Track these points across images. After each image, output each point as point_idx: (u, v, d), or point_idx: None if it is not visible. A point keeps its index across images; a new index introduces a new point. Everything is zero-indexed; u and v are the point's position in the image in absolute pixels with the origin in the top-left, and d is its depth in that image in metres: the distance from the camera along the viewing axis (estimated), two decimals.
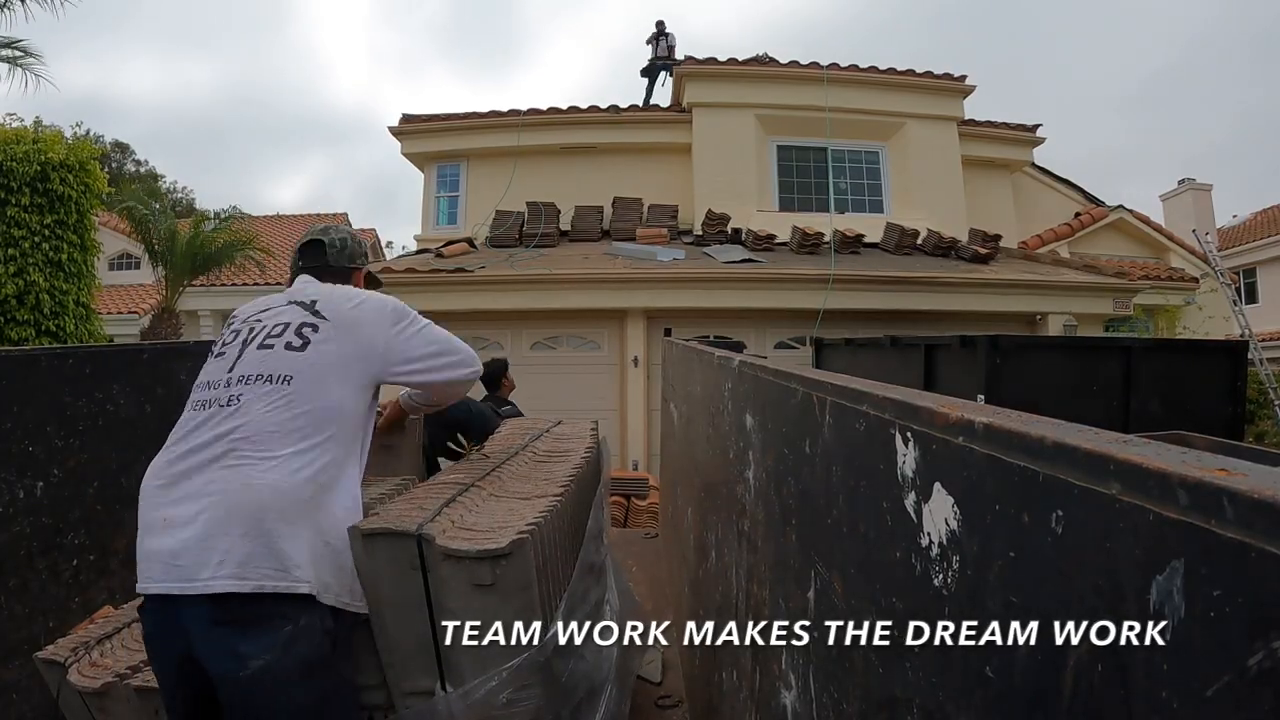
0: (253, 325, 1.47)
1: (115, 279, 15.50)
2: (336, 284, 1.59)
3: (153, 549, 1.24)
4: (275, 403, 1.32)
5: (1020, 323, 8.74)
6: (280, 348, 1.40)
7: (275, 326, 1.44)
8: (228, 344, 1.46)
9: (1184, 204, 15.02)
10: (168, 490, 1.28)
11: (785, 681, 1.01)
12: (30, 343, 6.61)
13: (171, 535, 1.22)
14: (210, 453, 1.28)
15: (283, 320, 1.45)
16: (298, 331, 1.42)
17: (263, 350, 1.40)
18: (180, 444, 1.34)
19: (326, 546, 1.27)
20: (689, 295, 8.11)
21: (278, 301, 1.54)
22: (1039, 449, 0.46)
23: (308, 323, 1.44)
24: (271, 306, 1.52)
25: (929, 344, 4.63)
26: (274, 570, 1.19)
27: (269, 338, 1.42)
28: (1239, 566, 0.32)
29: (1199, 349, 4.78)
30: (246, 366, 1.38)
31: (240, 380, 1.36)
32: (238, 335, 1.46)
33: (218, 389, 1.38)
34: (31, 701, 1.75)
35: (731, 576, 1.49)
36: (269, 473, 1.25)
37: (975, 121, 10.87)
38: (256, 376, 1.36)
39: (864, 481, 0.74)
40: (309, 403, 1.34)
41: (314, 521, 1.26)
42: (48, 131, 7.46)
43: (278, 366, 1.37)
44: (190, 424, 1.36)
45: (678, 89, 10.89)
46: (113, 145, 27.30)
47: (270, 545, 1.20)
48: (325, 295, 1.51)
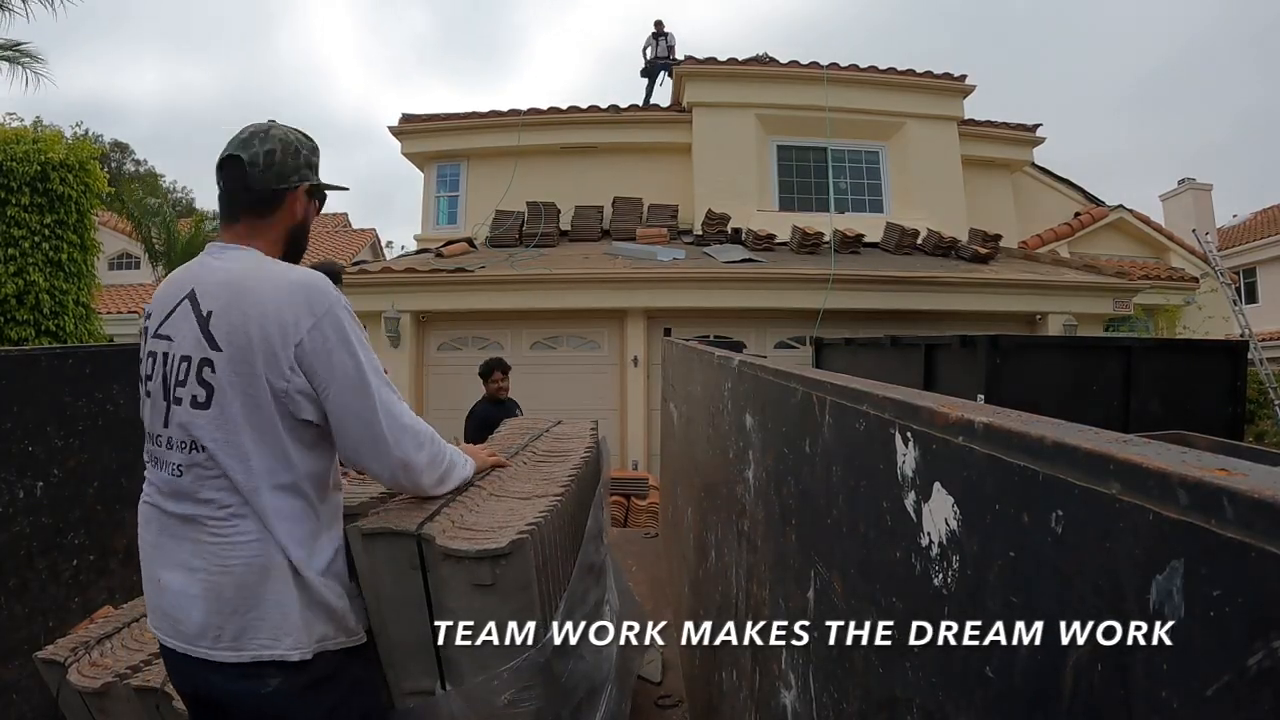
0: (165, 349, 1.21)
1: (115, 279, 15.50)
2: (274, 233, 1.27)
3: (155, 604, 1.24)
4: (205, 478, 1.18)
5: (1020, 323, 8.74)
6: (187, 403, 1.17)
7: (179, 365, 1.19)
8: (150, 376, 1.23)
9: (1184, 204, 15.02)
10: (156, 549, 1.23)
11: (785, 681, 1.01)
12: (30, 343, 6.61)
13: (168, 600, 1.20)
14: (179, 519, 1.20)
15: (186, 352, 1.19)
16: (199, 375, 1.17)
17: (175, 406, 1.19)
18: (152, 494, 1.24)
19: (315, 605, 1.22)
20: (689, 295, 8.12)
21: (176, 294, 1.23)
22: (1039, 449, 0.46)
23: (205, 359, 1.17)
24: (171, 310, 1.23)
25: (929, 344, 4.63)
26: (268, 640, 1.18)
27: (177, 384, 1.19)
28: (1239, 566, 0.32)
29: (1199, 349, 4.78)
30: (171, 424, 1.19)
31: (168, 443, 1.20)
32: (154, 363, 1.22)
33: (158, 445, 1.22)
34: (31, 701, 1.76)
35: (731, 576, 1.49)
36: (235, 552, 1.17)
37: (975, 121, 10.88)
38: (180, 443, 1.19)
39: (864, 481, 0.74)
40: (238, 474, 1.17)
41: (298, 586, 1.20)
42: (48, 131, 7.46)
43: (192, 431, 1.17)
44: (153, 475, 1.24)
45: (678, 89, 10.89)
46: (112, 145, 27.33)
47: (261, 617, 1.18)
48: (223, 304, 1.18)
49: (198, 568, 1.18)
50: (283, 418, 1.18)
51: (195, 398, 1.17)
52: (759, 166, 10.40)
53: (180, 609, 1.19)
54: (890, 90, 10.48)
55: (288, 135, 1.29)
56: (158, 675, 1.56)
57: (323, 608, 1.23)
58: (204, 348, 1.17)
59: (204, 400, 1.17)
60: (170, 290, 1.25)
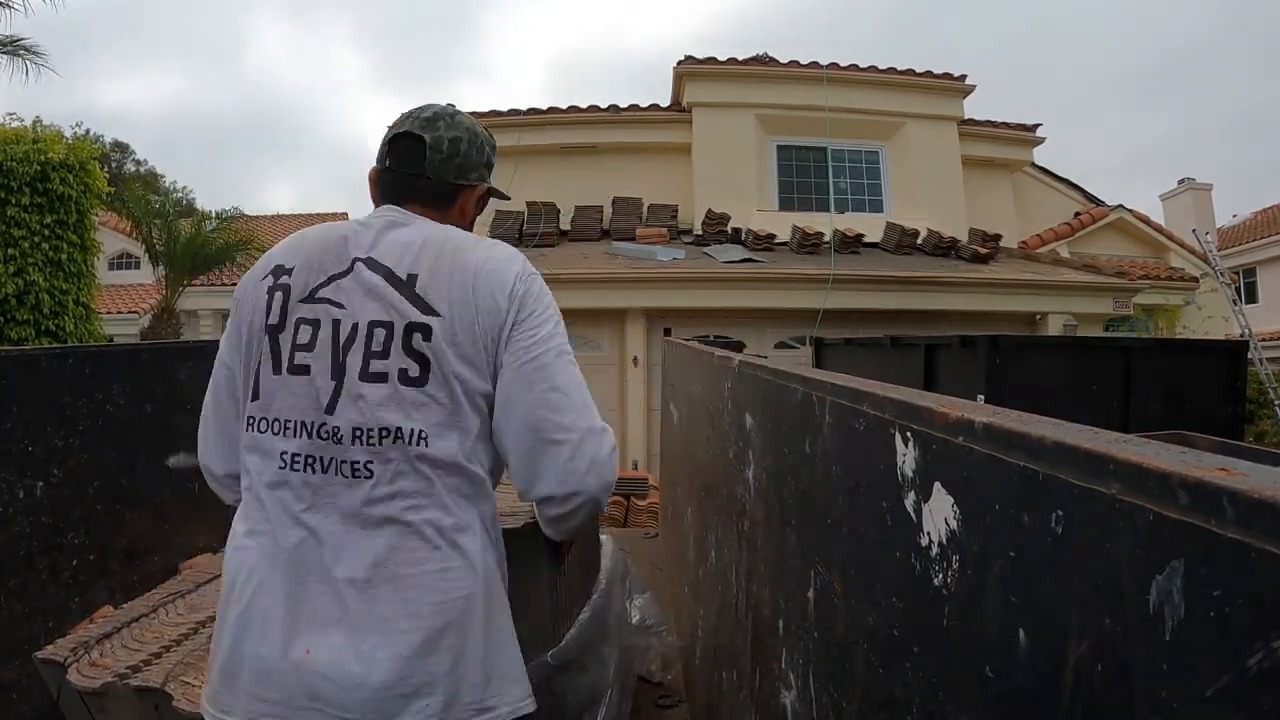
0: (334, 315, 0.96)
1: (115, 279, 15.50)
2: (440, 223, 1.06)
3: (274, 683, 0.90)
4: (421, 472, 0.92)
5: (1020, 323, 8.74)
6: (394, 378, 0.93)
7: (374, 331, 0.94)
8: (305, 345, 0.96)
9: (1184, 204, 15.02)
10: (295, 602, 0.91)
11: (785, 681, 1.01)
12: (30, 343, 6.61)
13: (313, 678, 0.89)
14: (357, 551, 0.92)
15: (378, 317, 0.95)
16: (406, 345, 0.93)
17: (372, 384, 0.93)
18: (284, 517, 0.94)
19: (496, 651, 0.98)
20: (689, 295, 8.12)
21: (343, 252, 1.00)
22: (1039, 449, 0.46)
23: (415, 324, 0.94)
24: (339, 270, 0.98)
25: (929, 344, 4.63)
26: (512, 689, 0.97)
27: (372, 355, 0.94)
28: (1239, 566, 0.32)
29: (1199, 349, 4.78)
30: (357, 413, 0.92)
31: (357, 436, 0.92)
32: (315, 332, 0.96)
33: (314, 438, 0.93)
34: (31, 701, 1.75)
35: (731, 576, 1.49)
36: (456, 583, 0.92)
37: (975, 121, 10.88)
38: (381, 433, 0.92)
39: (864, 481, 0.74)
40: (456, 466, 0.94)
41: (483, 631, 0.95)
42: (47, 131, 7.46)
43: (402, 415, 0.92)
44: (287, 497, 0.94)
45: (677, 89, 10.89)
46: (112, 145, 27.34)
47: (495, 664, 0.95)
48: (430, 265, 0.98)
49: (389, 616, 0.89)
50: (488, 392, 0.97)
51: (405, 371, 0.93)
52: (759, 166, 10.40)
53: (342, 682, 0.88)
54: (890, 90, 10.48)
55: (474, 126, 1.12)
56: (158, 675, 1.56)
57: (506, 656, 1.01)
58: (412, 311, 0.95)
59: (418, 375, 0.93)
60: (323, 249, 1.01)
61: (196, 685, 1.55)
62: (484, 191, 1.15)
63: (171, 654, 1.68)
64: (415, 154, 1.07)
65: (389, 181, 1.09)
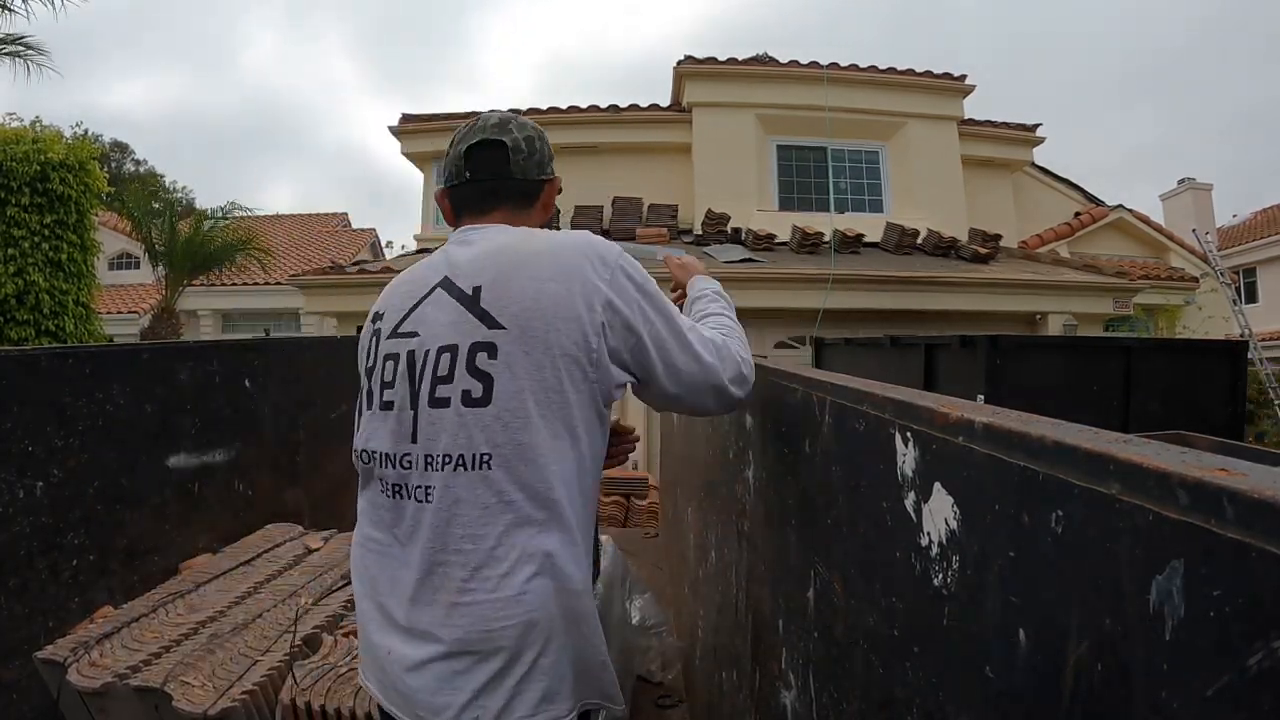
0: (409, 346, 0.98)
1: (115, 279, 15.50)
2: (519, 225, 1.07)
3: (399, 685, 0.96)
4: (483, 499, 0.92)
5: (1020, 323, 8.73)
6: (457, 401, 0.93)
7: (441, 356, 0.95)
8: (389, 382, 0.99)
9: (1184, 204, 15.03)
10: (404, 611, 0.96)
11: (785, 681, 1.01)
12: (30, 343, 6.61)
13: (413, 676, 0.94)
14: (425, 569, 0.94)
15: (446, 341, 0.95)
16: (470, 365, 0.93)
17: (437, 410, 0.94)
18: (381, 534, 1.00)
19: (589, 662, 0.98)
20: None
21: (426, 279, 1.02)
22: (1039, 449, 0.46)
23: (480, 343, 0.93)
24: (416, 303, 1.01)
25: (929, 344, 4.63)
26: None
27: (438, 381, 0.94)
28: (1239, 566, 0.32)
29: (1199, 349, 4.78)
30: (428, 440, 0.94)
31: (429, 463, 0.94)
32: (396, 365, 0.98)
33: (398, 468, 0.97)
34: (31, 701, 1.75)
35: (731, 576, 1.49)
36: (514, 609, 0.92)
37: (975, 121, 10.88)
38: (443, 459, 0.93)
39: (864, 481, 0.74)
40: (520, 485, 0.92)
41: (566, 642, 0.95)
42: (47, 131, 7.46)
43: (465, 440, 0.92)
44: (387, 520, 0.99)
45: (677, 88, 10.89)
46: (112, 145, 27.32)
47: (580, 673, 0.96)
48: (494, 275, 0.97)
49: (448, 639, 0.92)
50: (580, 399, 0.95)
51: (469, 393, 0.92)
52: (759, 166, 10.40)
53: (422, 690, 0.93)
54: (890, 90, 10.48)
55: (534, 124, 1.14)
56: (157, 675, 1.56)
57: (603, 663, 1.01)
58: (477, 328, 0.94)
59: (480, 396, 0.92)
60: (410, 282, 1.05)
61: (196, 685, 1.55)
62: (559, 183, 1.16)
63: (171, 654, 1.68)
64: (498, 159, 1.07)
65: (470, 193, 1.09)
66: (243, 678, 1.59)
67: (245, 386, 2.70)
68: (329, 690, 1.58)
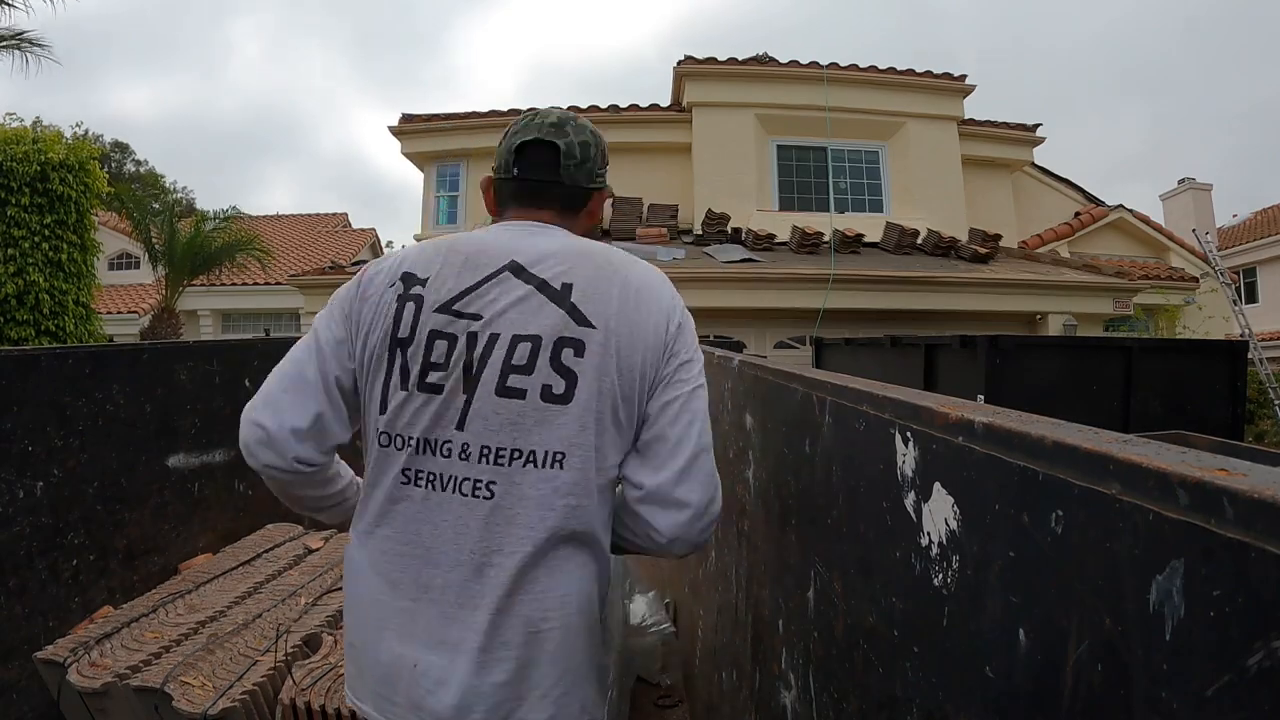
0: (471, 328, 0.91)
1: (115, 279, 15.50)
2: (575, 233, 1.04)
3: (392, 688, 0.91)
4: (549, 499, 0.88)
5: (1020, 323, 8.74)
6: (535, 395, 0.88)
7: (517, 345, 0.90)
8: (438, 364, 0.91)
9: (1184, 203, 15.03)
10: (438, 617, 0.89)
11: (785, 681, 1.01)
12: (30, 343, 6.61)
13: (447, 691, 0.88)
14: (473, 570, 0.88)
15: (525, 331, 0.90)
16: (554, 360, 0.89)
17: (507, 399, 0.89)
18: (420, 549, 0.91)
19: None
20: (689, 295, 7.93)
21: (492, 261, 0.95)
22: (1039, 449, 0.46)
23: (567, 338, 0.90)
24: (484, 276, 0.94)
25: (929, 344, 4.63)
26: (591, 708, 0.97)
27: (511, 370, 0.89)
28: (1239, 566, 0.32)
29: (1199, 349, 4.78)
30: (487, 429, 0.89)
31: (484, 455, 0.88)
32: (450, 347, 0.91)
33: (440, 456, 0.90)
34: (31, 701, 1.75)
35: (731, 576, 1.49)
36: (559, 610, 0.90)
37: (975, 121, 10.88)
38: (512, 454, 0.88)
39: (864, 481, 0.74)
40: (589, 490, 0.90)
41: (587, 646, 0.95)
42: (47, 131, 7.47)
43: (541, 435, 0.88)
44: (415, 514, 0.91)
45: (677, 88, 10.89)
46: (112, 145, 27.32)
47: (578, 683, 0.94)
48: (585, 276, 0.94)
49: (504, 658, 0.88)
50: (633, 417, 0.93)
51: (550, 388, 0.89)
52: (759, 166, 10.41)
53: (439, 699, 0.88)
54: (890, 90, 10.48)
55: (595, 129, 1.09)
56: (157, 675, 1.56)
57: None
58: (567, 323, 0.90)
59: (562, 392, 0.88)
60: (463, 254, 0.96)
61: (196, 685, 1.55)
62: (610, 192, 1.13)
63: (171, 654, 1.68)
64: (549, 161, 1.03)
65: (518, 189, 1.05)
66: (243, 678, 1.59)
67: (245, 386, 2.70)
68: (329, 690, 1.58)
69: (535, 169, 1.03)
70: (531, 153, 1.03)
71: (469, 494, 0.89)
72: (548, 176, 1.03)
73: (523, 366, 0.89)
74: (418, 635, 0.89)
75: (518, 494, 0.88)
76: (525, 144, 1.03)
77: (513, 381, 0.89)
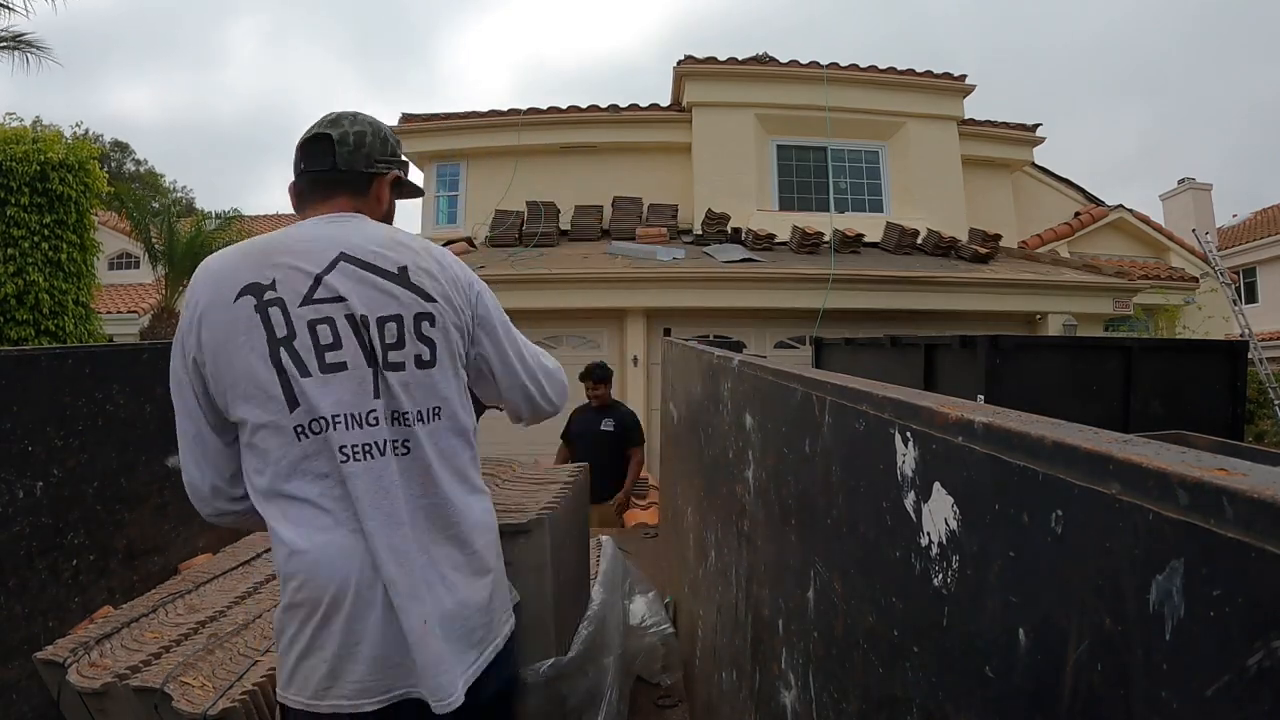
0: (349, 313, 1.04)
1: (115, 279, 15.50)
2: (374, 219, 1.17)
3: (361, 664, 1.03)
4: (451, 446, 1.09)
5: (1020, 323, 8.74)
6: (411, 366, 1.05)
7: (385, 324, 1.04)
8: (331, 344, 1.02)
9: (1184, 203, 15.03)
10: (411, 571, 1.02)
11: (785, 681, 1.01)
12: (30, 343, 6.61)
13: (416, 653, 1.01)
14: (424, 516, 1.05)
15: (387, 310, 1.05)
16: (418, 333, 1.07)
17: (395, 372, 1.04)
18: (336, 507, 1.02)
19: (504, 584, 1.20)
20: (689, 295, 8.11)
21: (324, 253, 1.06)
22: (1039, 449, 0.46)
23: (422, 313, 1.07)
24: (320, 269, 1.05)
25: (929, 344, 4.63)
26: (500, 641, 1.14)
27: (388, 349, 1.04)
28: (1239, 566, 0.32)
29: (1199, 349, 4.78)
30: (392, 396, 1.04)
31: (395, 418, 1.04)
32: (334, 328, 1.03)
33: (364, 427, 1.01)
34: (31, 702, 1.75)
35: (731, 576, 1.49)
36: (490, 536, 1.13)
37: (975, 121, 10.88)
38: (417, 415, 1.05)
39: (864, 481, 0.74)
40: (460, 430, 1.11)
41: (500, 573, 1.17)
42: (47, 131, 7.47)
43: (424, 395, 1.06)
44: (343, 493, 1.01)
45: (677, 88, 10.89)
46: (112, 145, 27.31)
47: (491, 629, 1.11)
48: (411, 258, 1.10)
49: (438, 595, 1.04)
50: (466, 368, 1.16)
51: (420, 356, 1.06)
52: (759, 166, 10.40)
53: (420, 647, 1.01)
54: (890, 90, 10.48)
55: (376, 121, 1.22)
56: (157, 675, 1.56)
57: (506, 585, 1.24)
58: (417, 302, 1.07)
59: (429, 358, 1.07)
60: (294, 255, 1.06)
61: (196, 685, 1.55)
62: (394, 179, 1.22)
63: (171, 654, 1.68)
64: (325, 151, 1.15)
65: (308, 182, 1.17)
66: (243, 678, 1.59)
67: None
68: None
69: (315, 159, 1.16)
70: (311, 147, 1.17)
71: (396, 453, 1.03)
72: (326, 165, 1.15)
73: (395, 344, 1.05)
74: (398, 594, 1.01)
75: (433, 445, 1.06)
76: (306, 140, 1.17)
77: (392, 357, 1.05)
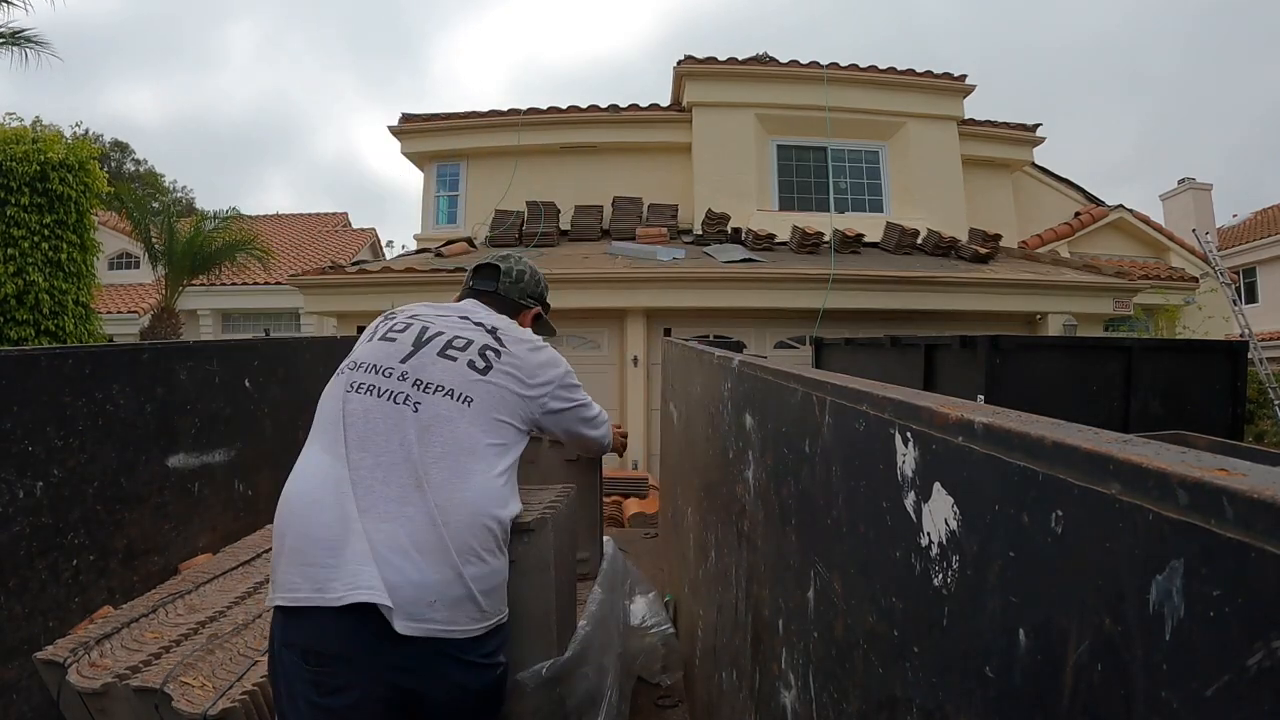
0: (428, 324, 1.42)
1: (115, 279, 15.50)
2: (509, 318, 1.56)
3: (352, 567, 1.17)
4: (460, 423, 1.29)
5: (1020, 323, 8.74)
6: (463, 364, 1.35)
7: (456, 338, 1.39)
8: (398, 331, 1.41)
9: (1184, 204, 15.03)
10: (365, 500, 1.21)
11: (785, 681, 1.01)
12: (30, 343, 6.61)
13: (382, 563, 1.16)
14: (402, 462, 1.24)
15: (464, 335, 1.40)
16: (481, 352, 1.37)
17: (444, 360, 1.35)
18: (363, 445, 1.26)
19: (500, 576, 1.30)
20: (689, 295, 8.11)
21: (452, 311, 1.50)
22: (1039, 449, 0.46)
23: (490, 346, 1.39)
24: (447, 315, 1.47)
25: (929, 344, 4.62)
26: (478, 614, 1.23)
27: (451, 348, 1.37)
28: (1239, 566, 0.32)
29: (1199, 349, 4.77)
30: (425, 369, 1.33)
31: (419, 385, 1.31)
32: (410, 327, 1.41)
33: (391, 379, 1.32)
34: (31, 702, 1.75)
35: (731, 576, 1.49)
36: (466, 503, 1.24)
37: (975, 121, 10.87)
38: (438, 388, 1.31)
39: (864, 481, 0.74)
40: (485, 429, 1.31)
41: (501, 552, 1.29)
42: (47, 131, 7.46)
43: (460, 384, 1.32)
44: (363, 414, 1.29)
45: (677, 88, 10.89)
46: (112, 145, 27.30)
47: (470, 593, 1.21)
48: (506, 326, 1.48)
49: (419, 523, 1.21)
50: (523, 417, 1.40)
51: (473, 363, 1.36)
52: (759, 166, 10.40)
53: (395, 563, 1.18)
54: (890, 90, 10.47)
55: (535, 268, 1.71)
56: (157, 675, 1.56)
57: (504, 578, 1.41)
58: (490, 340, 1.41)
59: (483, 368, 1.36)
60: (433, 305, 1.54)
61: (196, 685, 1.55)
62: (536, 313, 1.70)
63: (171, 654, 1.68)
64: (492, 276, 1.64)
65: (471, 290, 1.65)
66: (243, 678, 1.59)
67: (245, 386, 2.70)
68: None
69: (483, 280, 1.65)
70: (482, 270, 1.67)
71: (400, 403, 1.29)
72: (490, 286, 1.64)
73: (460, 346, 1.39)
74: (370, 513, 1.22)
75: (425, 419, 1.28)
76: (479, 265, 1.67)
77: (450, 352, 1.37)
